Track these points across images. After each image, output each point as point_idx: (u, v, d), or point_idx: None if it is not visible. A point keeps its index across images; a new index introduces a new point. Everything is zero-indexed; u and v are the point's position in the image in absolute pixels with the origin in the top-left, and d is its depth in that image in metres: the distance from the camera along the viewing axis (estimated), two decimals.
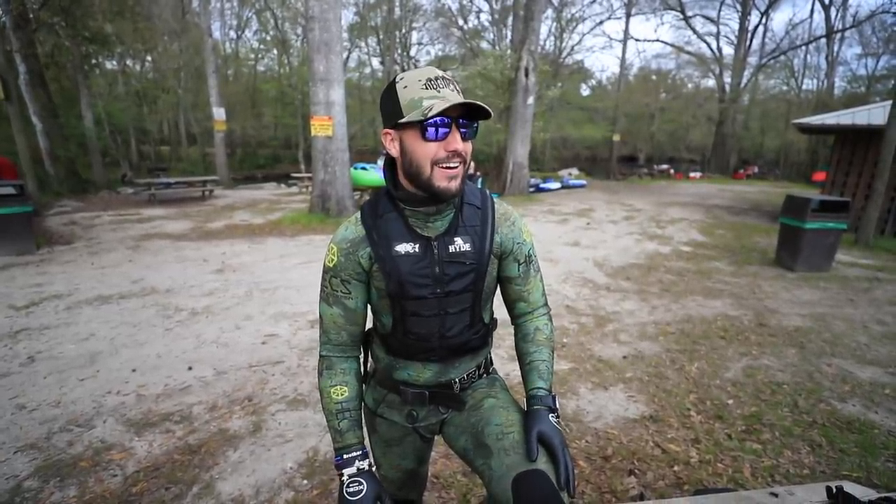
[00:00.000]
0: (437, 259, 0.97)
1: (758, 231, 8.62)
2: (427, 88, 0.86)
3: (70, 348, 3.27)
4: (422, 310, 1.00)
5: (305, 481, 2.01)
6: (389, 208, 0.99)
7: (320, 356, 1.07)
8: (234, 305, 4.10)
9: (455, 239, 0.98)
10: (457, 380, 1.09)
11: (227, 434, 2.31)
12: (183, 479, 2.01)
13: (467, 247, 0.98)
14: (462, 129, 0.89)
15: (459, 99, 0.87)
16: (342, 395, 1.02)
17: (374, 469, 1.01)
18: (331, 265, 1.01)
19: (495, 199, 1.05)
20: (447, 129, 0.87)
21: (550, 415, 0.96)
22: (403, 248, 0.96)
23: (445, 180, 0.89)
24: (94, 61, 15.75)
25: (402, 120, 0.87)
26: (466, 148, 0.90)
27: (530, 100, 12.96)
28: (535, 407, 0.98)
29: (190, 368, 2.96)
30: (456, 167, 0.89)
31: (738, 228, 8.94)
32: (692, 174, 25.29)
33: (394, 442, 1.17)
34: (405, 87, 0.88)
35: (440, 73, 0.89)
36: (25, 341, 3.39)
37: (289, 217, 8.53)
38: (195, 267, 5.40)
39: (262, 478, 2.02)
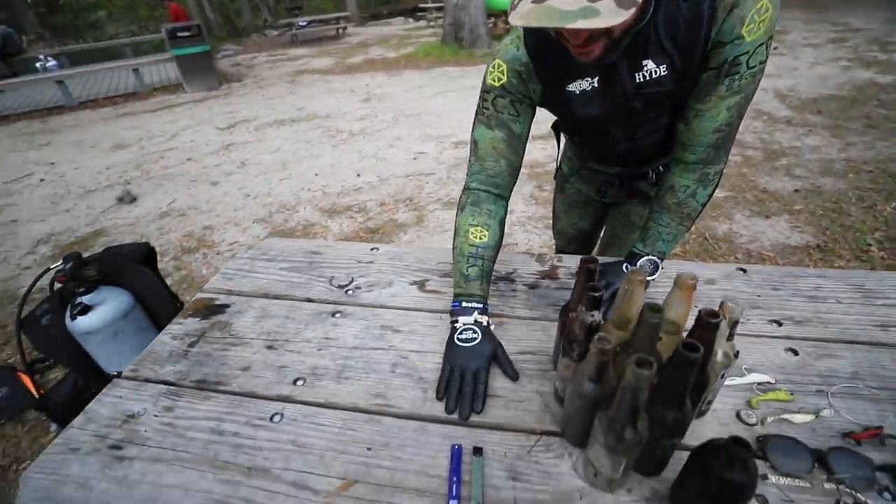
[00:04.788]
0: (620, 93, 0.78)
1: None
2: None
3: (266, 157, 4.03)
4: (605, 142, 0.93)
5: None
6: None
7: (466, 189, 0.93)
8: (385, 128, 4.48)
9: (645, 62, 0.73)
10: (651, 172, 1.03)
11: (397, 223, 2.78)
12: None
13: (662, 70, 0.73)
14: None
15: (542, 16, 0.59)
16: (481, 239, 0.88)
17: (493, 328, 0.85)
18: (497, 84, 0.84)
19: None
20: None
21: (625, 265, 0.92)
22: (577, 85, 0.79)
23: (580, 56, 0.69)
24: None
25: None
26: (597, 45, 0.66)
27: None
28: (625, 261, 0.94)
29: (358, 175, 3.48)
30: (588, 54, 0.68)
31: None
32: None
33: (577, 204, 1.26)
34: None
35: None
36: (235, 152, 4.24)
37: (422, 50, 8.35)
38: (344, 97, 5.85)
39: None
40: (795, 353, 0.80)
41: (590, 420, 0.59)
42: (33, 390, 1.53)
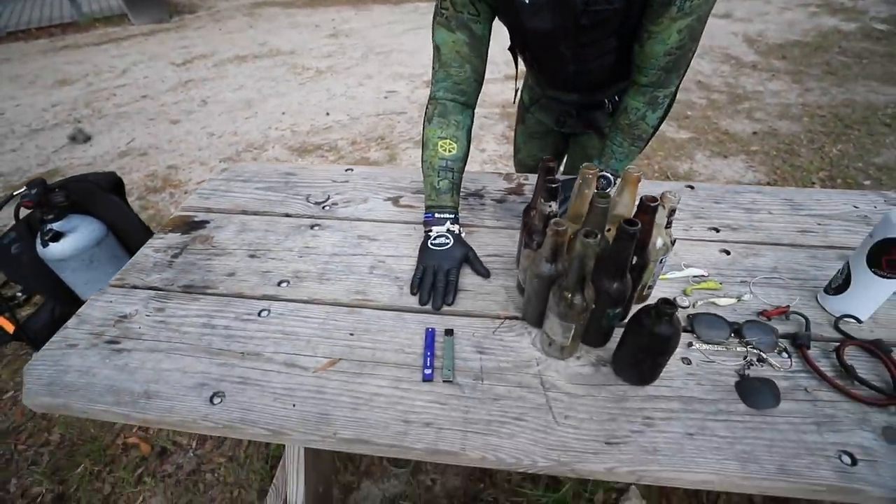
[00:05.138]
0: (570, 7, 0.77)
1: None
2: None
3: (229, 95, 3.83)
4: (555, 61, 0.92)
5: None
6: None
7: (432, 99, 0.93)
8: (354, 66, 4.30)
9: None
10: (608, 102, 1.04)
11: (369, 161, 2.77)
12: None
13: None
14: None
15: None
16: (450, 151, 0.90)
17: (464, 236, 0.92)
18: None
19: None
20: None
21: None
22: None
23: None
24: None
25: None
26: None
27: None
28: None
29: (328, 114, 3.38)
30: None
31: None
32: None
33: (537, 135, 1.26)
34: None
35: None
36: (194, 90, 4.00)
37: None
38: (309, 32, 5.51)
39: None
40: (728, 253, 0.91)
41: (547, 300, 0.67)
42: (6, 326, 1.52)
